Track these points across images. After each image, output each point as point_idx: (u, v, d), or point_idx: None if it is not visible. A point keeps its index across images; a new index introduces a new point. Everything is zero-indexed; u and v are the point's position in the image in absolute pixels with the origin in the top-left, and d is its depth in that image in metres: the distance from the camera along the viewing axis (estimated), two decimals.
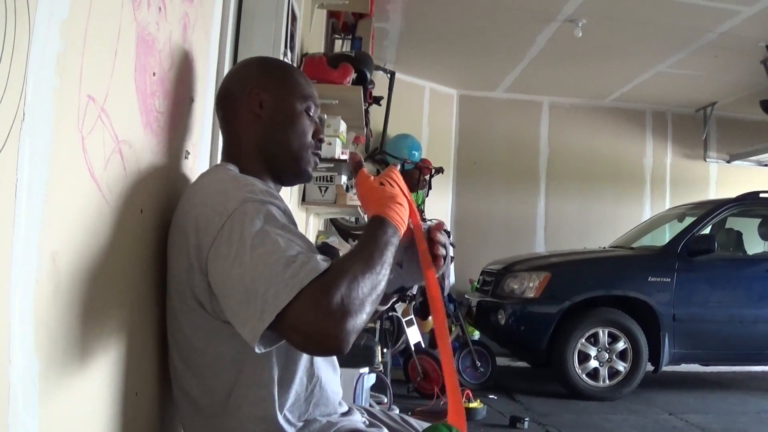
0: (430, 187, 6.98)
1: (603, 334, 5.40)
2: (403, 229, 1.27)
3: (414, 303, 5.10)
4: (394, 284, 1.42)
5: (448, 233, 4.95)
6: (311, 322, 1.03)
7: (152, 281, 1.28)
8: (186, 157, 1.50)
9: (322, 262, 1.09)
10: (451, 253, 1.44)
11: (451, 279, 5.22)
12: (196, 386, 1.27)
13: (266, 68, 1.45)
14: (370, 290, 1.10)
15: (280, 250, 1.08)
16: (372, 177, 1.35)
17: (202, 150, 1.68)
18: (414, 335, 5.04)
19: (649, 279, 5.52)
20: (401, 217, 1.27)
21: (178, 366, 1.29)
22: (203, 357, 1.25)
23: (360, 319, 1.06)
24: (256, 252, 1.08)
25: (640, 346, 5.38)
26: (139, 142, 1.20)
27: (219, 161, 1.46)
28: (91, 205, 1.02)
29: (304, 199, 3.65)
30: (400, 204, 1.28)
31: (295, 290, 1.03)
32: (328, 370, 1.39)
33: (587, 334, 5.38)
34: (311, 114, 1.43)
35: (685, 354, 5.57)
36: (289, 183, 1.50)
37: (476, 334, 6.36)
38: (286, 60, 2.54)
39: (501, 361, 6.15)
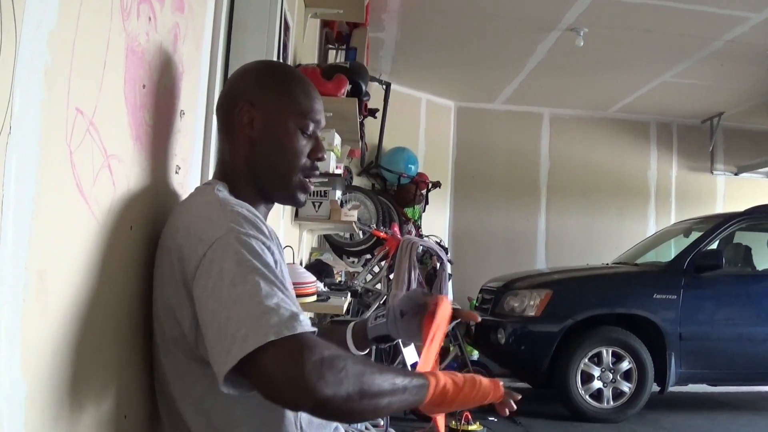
0: (426, 202, 7.02)
1: (607, 354, 5.34)
2: (430, 394, 1.17)
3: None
4: (380, 330, 1.48)
5: (445, 250, 4.80)
6: (284, 369, 1.00)
7: (141, 300, 1.28)
8: (177, 172, 1.50)
9: (307, 320, 1.05)
10: (449, 270, 1.35)
11: (449, 297, 5.14)
12: (180, 413, 1.23)
13: (262, 80, 1.36)
14: (356, 381, 1.03)
15: (260, 295, 1.05)
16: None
17: (192, 164, 1.68)
18: (411, 355, 4.96)
19: (654, 296, 5.47)
20: (442, 388, 1.18)
21: (164, 390, 1.26)
22: (175, 390, 1.22)
23: (337, 391, 1.01)
24: (234, 290, 1.06)
25: (645, 365, 5.32)
26: (128, 156, 1.20)
27: (211, 176, 1.45)
28: (79, 222, 1.03)
29: (297, 215, 3.69)
30: (454, 382, 1.21)
31: (267, 338, 1.00)
32: None
33: (590, 354, 5.32)
34: (308, 132, 1.35)
35: (692, 374, 5.52)
36: (283, 204, 1.48)
37: (475, 354, 6.40)
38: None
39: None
